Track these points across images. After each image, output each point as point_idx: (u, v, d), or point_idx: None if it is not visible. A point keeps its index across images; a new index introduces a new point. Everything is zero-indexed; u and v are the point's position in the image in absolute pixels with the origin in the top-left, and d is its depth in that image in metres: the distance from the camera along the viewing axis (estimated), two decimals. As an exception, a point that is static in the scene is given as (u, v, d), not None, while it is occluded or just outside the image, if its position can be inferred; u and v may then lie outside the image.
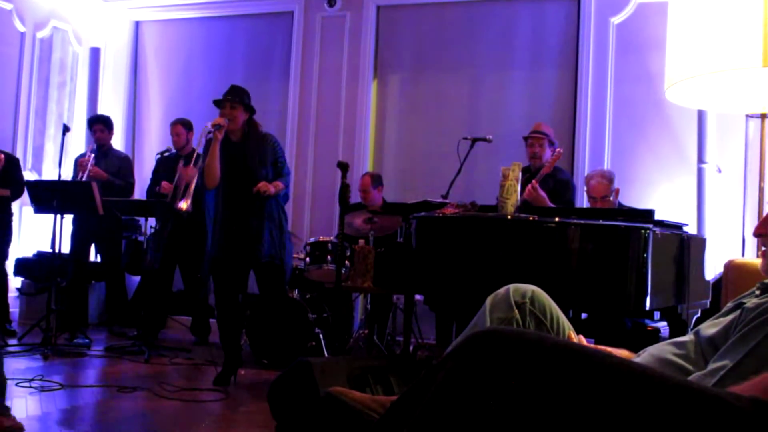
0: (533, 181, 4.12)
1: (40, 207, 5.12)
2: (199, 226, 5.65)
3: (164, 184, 5.39)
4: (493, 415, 1.02)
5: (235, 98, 4.11)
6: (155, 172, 5.81)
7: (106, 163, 5.86)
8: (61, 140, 5.18)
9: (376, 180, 5.53)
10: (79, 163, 5.73)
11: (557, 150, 4.24)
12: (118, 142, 6.96)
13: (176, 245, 5.39)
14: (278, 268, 4.23)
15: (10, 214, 5.71)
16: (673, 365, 1.50)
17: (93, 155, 5.68)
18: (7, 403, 2.93)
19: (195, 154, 5.04)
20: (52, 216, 5.01)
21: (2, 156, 5.36)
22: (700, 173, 5.16)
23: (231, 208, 4.16)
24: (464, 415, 1.04)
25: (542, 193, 4.16)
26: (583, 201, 5.61)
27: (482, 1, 6.22)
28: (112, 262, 6.03)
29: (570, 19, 5.92)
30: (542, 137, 4.62)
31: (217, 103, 4.18)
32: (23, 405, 3.42)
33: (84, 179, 5.45)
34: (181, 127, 5.74)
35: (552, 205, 4.21)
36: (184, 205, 4.75)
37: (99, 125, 5.94)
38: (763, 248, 1.64)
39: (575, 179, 5.68)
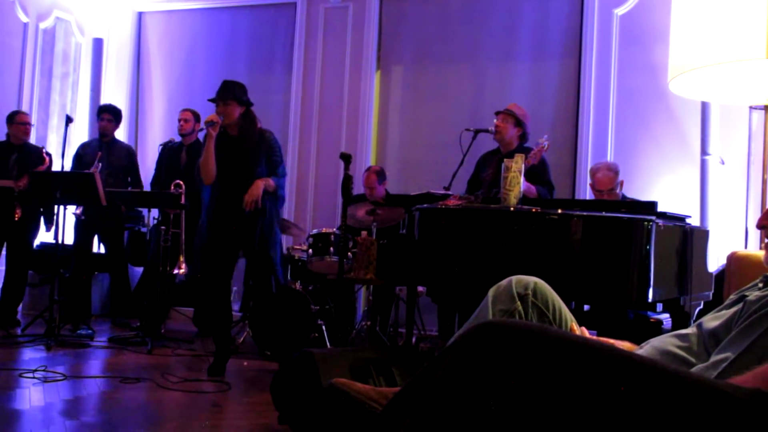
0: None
1: (42, 198, 5.14)
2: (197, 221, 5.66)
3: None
4: (494, 407, 1.02)
5: (226, 96, 4.12)
6: (158, 163, 5.81)
7: (112, 155, 5.85)
8: (64, 131, 5.17)
9: (381, 175, 5.57)
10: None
11: (544, 144, 4.11)
12: (121, 132, 6.96)
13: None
14: (265, 261, 4.29)
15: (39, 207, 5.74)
16: (675, 357, 1.51)
17: (100, 164, 5.67)
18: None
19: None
20: (55, 207, 5.03)
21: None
22: (703, 165, 5.15)
23: (225, 200, 4.18)
24: (466, 407, 1.05)
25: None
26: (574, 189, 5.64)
27: (485, -8, 6.21)
28: (116, 253, 6.04)
29: (573, 10, 5.90)
30: (508, 115, 4.56)
31: (212, 101, 4.21)
32: (27, 395, 3.43)
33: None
34: (190, 114, 5.77)
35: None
36: (181, 270, 4.92)
37: (108, 114, 5.93)
38: (766, 240, 1.64)
39: (578, 170, 5.69)
